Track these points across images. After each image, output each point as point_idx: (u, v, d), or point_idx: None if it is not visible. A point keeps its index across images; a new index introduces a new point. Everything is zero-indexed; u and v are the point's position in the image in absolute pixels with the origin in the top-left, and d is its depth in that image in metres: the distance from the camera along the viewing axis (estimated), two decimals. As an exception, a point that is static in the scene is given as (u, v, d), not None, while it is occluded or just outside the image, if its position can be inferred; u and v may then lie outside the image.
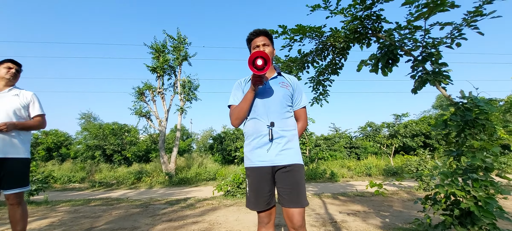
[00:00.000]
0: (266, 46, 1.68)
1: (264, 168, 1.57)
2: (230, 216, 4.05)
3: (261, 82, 1.54)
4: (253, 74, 1.50)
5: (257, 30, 1.72)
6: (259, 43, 1.68)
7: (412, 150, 15.65)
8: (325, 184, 9.65)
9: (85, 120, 19.53)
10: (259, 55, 1.47)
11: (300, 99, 1.73)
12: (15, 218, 2.30)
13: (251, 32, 1.73)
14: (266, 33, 1.72)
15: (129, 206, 5.28)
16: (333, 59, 4.03)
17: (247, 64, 1.47)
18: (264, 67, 1.46)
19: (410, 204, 4.81)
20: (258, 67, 1.46)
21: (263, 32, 1.71)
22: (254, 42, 1.70)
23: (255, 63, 1.47)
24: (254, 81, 1.53)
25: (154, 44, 12.13)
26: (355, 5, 3.06)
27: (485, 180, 2.08)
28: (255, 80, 1.52)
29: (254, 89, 1.57)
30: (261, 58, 1.46)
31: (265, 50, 1.64)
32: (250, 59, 1.46)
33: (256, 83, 1.53)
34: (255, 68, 1.46)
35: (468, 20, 2.46)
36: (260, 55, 1.47)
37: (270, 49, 1.68)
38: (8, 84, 2.44)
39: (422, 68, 2.74)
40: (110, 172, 13.04)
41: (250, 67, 1.46)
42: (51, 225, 3.77)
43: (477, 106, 2.24)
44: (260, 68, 1.46)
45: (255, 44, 1.69)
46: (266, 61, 1.46)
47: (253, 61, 1.47)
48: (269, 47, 1.69)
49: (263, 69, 1.45)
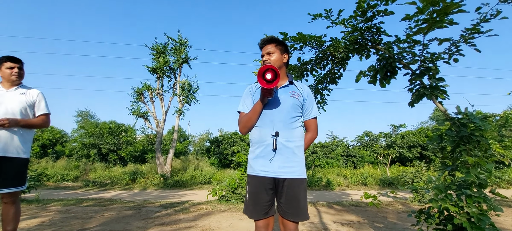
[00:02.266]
0: (272, 54, 1.65)
1: (266, 178, 1.55)
2: (223, 222, 4.02)
3: (271, 95, 1.53)
4: (262, 88, 1.49)
5: (264, 39, 1.69)
6: (264, 52, 1.67)
7: (408, 160, 15.71)
8: (321, 192, 9.63)
9: (82, 117, 19.44)
10: (269, 68, 1.45)
11: (311, 109, 1.70)
12: (7, 217, 2.27)
13: (260, 40, 1.71)
14: (273, 40, 1.69)
15: (122, 207, 5.22)
16: (332, 68, 4.04)
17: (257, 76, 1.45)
18: (273, 81, 1.44)
19: (404, 216, 4.80)
20: (267, 80, 1.44)
21: (268, 40, 1.69)
22: (263, 50, 1.69)
23: (264, 76, 1.45)
24: (263, 94, 1.51)
25: (154, 46, 12.16)
26: (356, 16, 3.09)
27: (479, 197, 2.09)
28: (264, 93, 1.51)
29: (263, 101, 1.56)
30: (271, 72, 1.44)
31: (270, 59, 1.63)
32: (259, 72, 1.45)
33: (265, 95, 1.52)
34: (264, 81, 1.44)
35: (466, 37, 2.49)
36: (270, 68, 1.45)
37: (276, 57, 1.66)
38: (14, 84, 2.42)
39: (420, 82, 2.76)
40: (104, 172, 12.93)
41: (259, 80, 1.44)
42: (41, 225, 3.71)
43: (472, 122, 2.26)
44: (270, 81, 1.44)
45: (263, 52, 1.68)
46: (276, 75, 1.44)
47: (262, 73, 1.45)
48: (276, 54, 1.66)
49: (272, 83, 1.43)
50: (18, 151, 2.30)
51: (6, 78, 2.39)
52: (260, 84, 1.45)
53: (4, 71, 2.38)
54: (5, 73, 2.38)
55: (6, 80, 2.39)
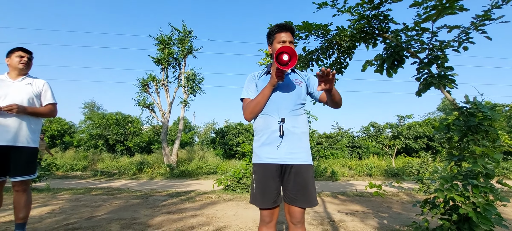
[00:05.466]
0: (291, 43, 1.62)
1: (272, 165, 1.54)
2: (228, 211, 4.08)
3: (282, 79, 1.51)
4: (276, 69, 1.47)
5: (285, 25, 1.63)
6: (286, 39, 1.60)
7: (414, 151, 15.59)
8: (326, 182, 9.66)
9: (88, 109, 19.69)
10: (285, 50, 1.44)
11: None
12: (19, 205, 2.34)
13: (277, 24, 1.65)
14: (293, 29, 1.64)
15: (129, 196, 5.33)
16: (338, 58, 3.99)
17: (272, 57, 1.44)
18: (288, 63, 1.44)
19: (409, 206, 4.80)
20: (282, 62, 1.44)
21: (289, 28, 1.63)
22: (279, 36, 1.62)
23: (279, 58, 1.45)
24: (275, 75, 1.49)
25: (159, 36, 12.13)
26: (363, 4, 3.02)
27: (485, 187, 2.07)
28: (277, 75, 1.49)
29: (274, 84, 1.53)
30: (286, 54, 1.44)
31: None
32: (276, 53, 1.45)
33: (277, 77, 1.50)
34: (279, 63, 1.44)
35: (476, 24, 2.42)
36: (286, 50, 1.44)
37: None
38: (21, 73, 2.46)
39: (428, 71, 2.71)
40: (112, 162, 13.17)
41: (275, 61, 1.44)
42: (51, 212, 3.82)
43: (481, 112, 2.22)
44: (285, 64, 1.44)
45: (280, 38, 1.61)
46: (291, 57, 1.44)
47: (277, 55, 1.45)
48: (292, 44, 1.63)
49: (287, 65, 1.43)
50: (27, 140, 2.35)
51: (14, 66, 2.42)
52: (276, 64, 1.44)
53: (14, 59, 2.42)
54: (14, 61, 2.42)
55: (14, 68, 2.43)
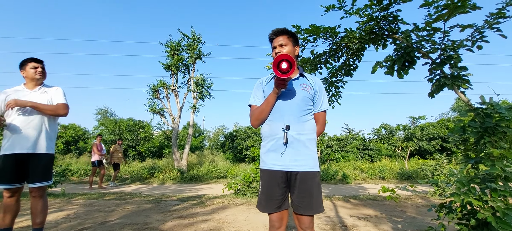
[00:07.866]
0: (284, 46, 1.63)
1: (277, 171, 1.55)
2: (239, 215, 4.07)
3: (285, 86, 1.51)
4: (277, 77, 1.48)
5: (276, 30, 1.67)
6: (276, 44, 1.64)
7: (428, 153, 15.19)
8: (337, 186, 9.52)
9: (101, 115, 20.15)
10: (284, 58, 1.44)
11: (321, 102, 1.68)
12: (36, 210, 2.40)
13: (271, 31, 1.69)
14: (286, 32, 1.67)
15: (141, 201, 5.40)
16: (347, 60, 3.95)
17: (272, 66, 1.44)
18: (288, 71, 1.43)
19: (424, 211, 4.67)
20: (282, 70, 1.43)
21: (281, 31, 1.66)
22: (274, 42, 1.67)
23: (279, 66, 1.44)
24: (277, 84, 1.50)
25: (169, 43, 12.34)
26: (372, 5, 2.99)
27: (505, 190, 1.99)
28: (279, 84, 1.49)
29: (277, 92, 1.54)
30: (286, 62, 1.43)
31: (282, 51, 1.61)
32: (274, 62, 1.44)
33: (279, 86, 1.50)
34: (279, 72, 1.43)
35: (490, 22, 2.35)
36: (285, 58, 1.44)
37: (289, 49, 1.64)
38: (38, 83, 2.55)
39: (440, 72, 2.64)
40: (124, 167, 13.38)
41: (275, 70, 1.44)
42: (67, 217, 3.92)
43: (498, 113, 2.14)
44: (285, 71, 1.43)
45: (274, 44, 1.67)
46: (291, 65, 1.43)
47: (277, 64, 1.44)
48: (288, 46, 1.64)
49: (287, 73, 1.42)
50: (45, 147, 2.43)
51: (30, 78, 2.51)
52: (276, 74, 1.44)
53: (29, 71, 2.50)
54: (30, 73, 2.50)
55: (30, 79, 2.52)
